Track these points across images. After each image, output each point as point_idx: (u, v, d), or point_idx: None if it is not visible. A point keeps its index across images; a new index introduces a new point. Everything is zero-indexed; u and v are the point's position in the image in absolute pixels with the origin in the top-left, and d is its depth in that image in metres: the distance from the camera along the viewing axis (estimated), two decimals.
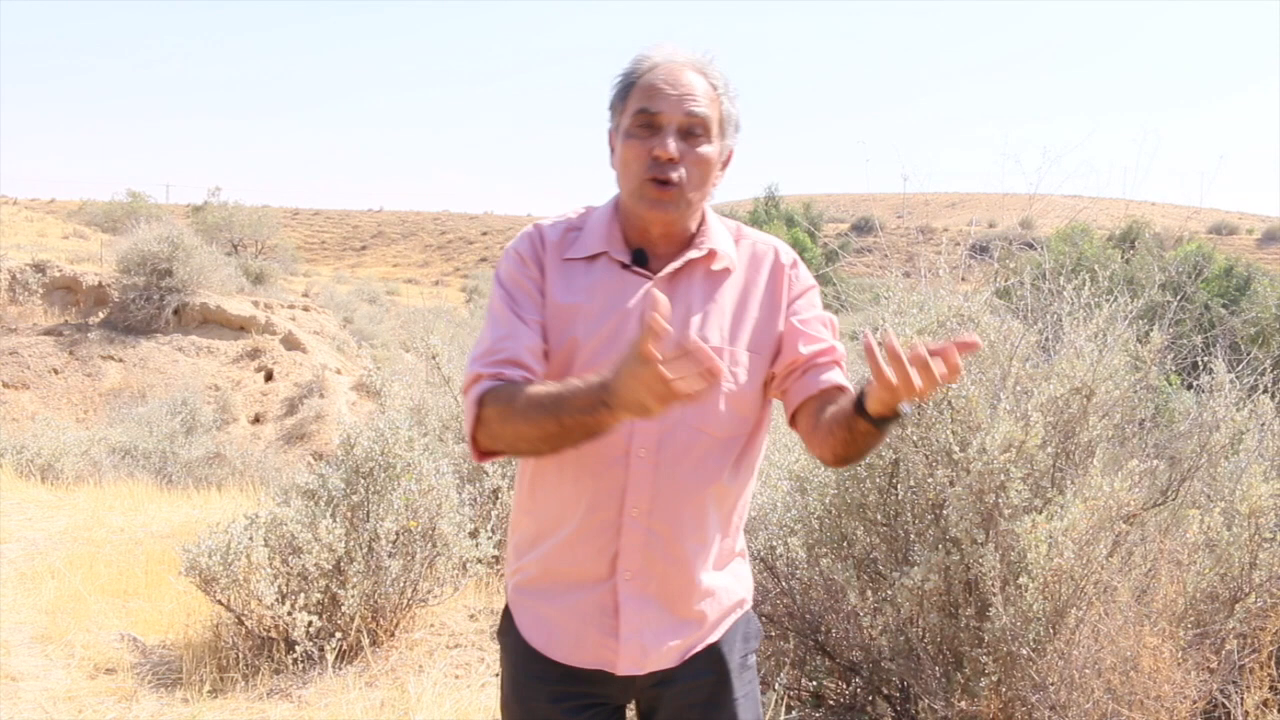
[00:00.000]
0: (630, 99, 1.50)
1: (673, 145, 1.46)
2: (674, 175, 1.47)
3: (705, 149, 1.49)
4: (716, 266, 1.55)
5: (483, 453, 1.47)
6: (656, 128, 1.47)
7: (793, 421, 1.56)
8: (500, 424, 1.40)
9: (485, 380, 1.45)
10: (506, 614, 1.64)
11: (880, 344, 1.24)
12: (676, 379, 1.17)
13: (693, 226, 1.55)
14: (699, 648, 1.57)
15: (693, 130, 1.48)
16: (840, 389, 1.52)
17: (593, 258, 1.54)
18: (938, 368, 1.23)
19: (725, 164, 1.56)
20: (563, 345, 1.51)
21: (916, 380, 1.22)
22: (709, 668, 1.58)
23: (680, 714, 1.58)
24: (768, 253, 1.60)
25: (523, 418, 1.37)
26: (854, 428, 1.38)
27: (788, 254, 1.62)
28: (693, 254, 1.53)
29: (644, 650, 1.53)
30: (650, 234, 1.53)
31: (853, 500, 3.18)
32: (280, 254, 33.51)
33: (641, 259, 1.53)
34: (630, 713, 1.66)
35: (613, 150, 1.55)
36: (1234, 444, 3.39)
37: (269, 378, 17.70)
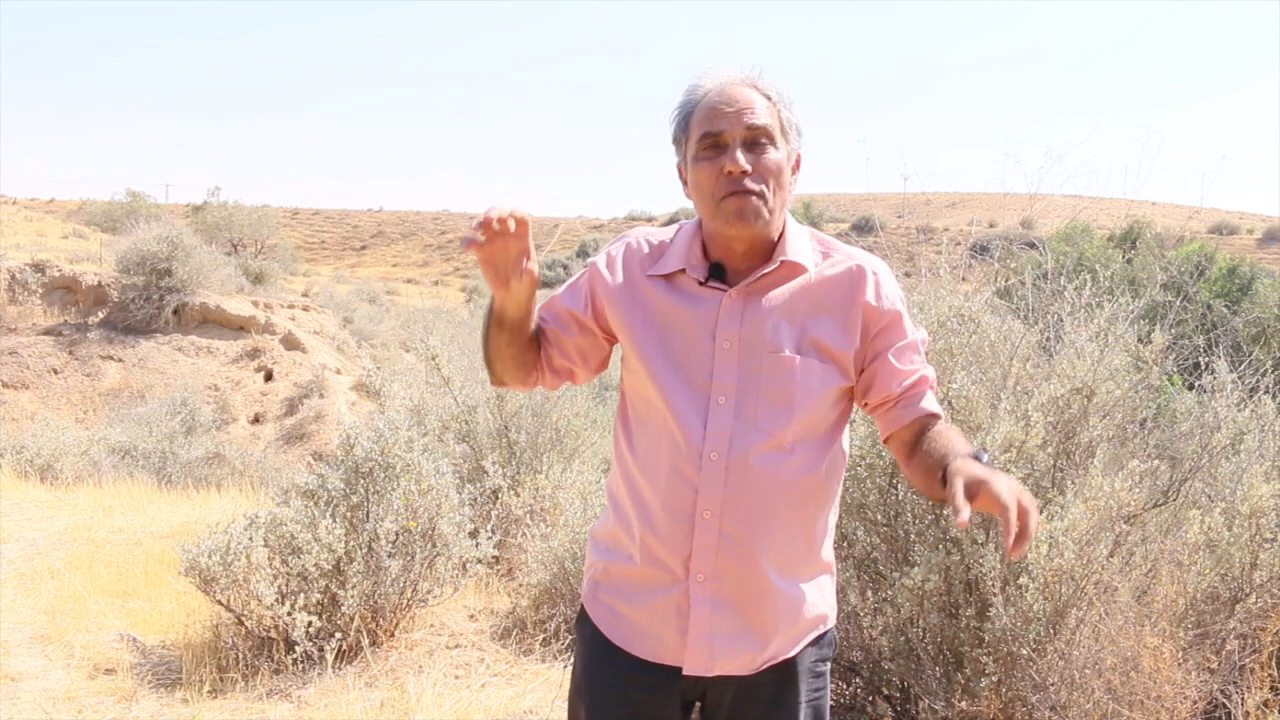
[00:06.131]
0: (692, 127, 1.55)
1: (741, 158, 1.50)
2: (751, 185, 1.50)
3: (772, 155, 1.52)
4: (794, 279, 1.56)
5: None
6: (722, 147, 1.52)
7: (887, 441, 1.61)
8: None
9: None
10: (582, 608, 1.69)
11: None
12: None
13: (774, 238, 1.57)
14: (775, 661, 1.58)
15: (757, 140, 1.52)
16: (933, 416, 1.55)
17: (671, 275, 1.59)
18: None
19: (795, 169, 1.59)
20: (638, 355, 1.57)
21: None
22: (780, 678, 1.60)
23: (742, 710, 1.60)
24: (850, 267, 1.59)
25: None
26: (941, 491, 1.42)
27: (872, 271, 1.59)
28: (767, 268, 1.55)
29: (712, 653, 1.55)
30: (735, 250, 1.56)
31: (853, 500, 3.17)
32: (280, 254, 33.44)
33: (719, 273, 1.56)
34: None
35: (685, 182, 1.59)
36: (1235, 444, 3.38)
37: (269, 378, 17.69)
